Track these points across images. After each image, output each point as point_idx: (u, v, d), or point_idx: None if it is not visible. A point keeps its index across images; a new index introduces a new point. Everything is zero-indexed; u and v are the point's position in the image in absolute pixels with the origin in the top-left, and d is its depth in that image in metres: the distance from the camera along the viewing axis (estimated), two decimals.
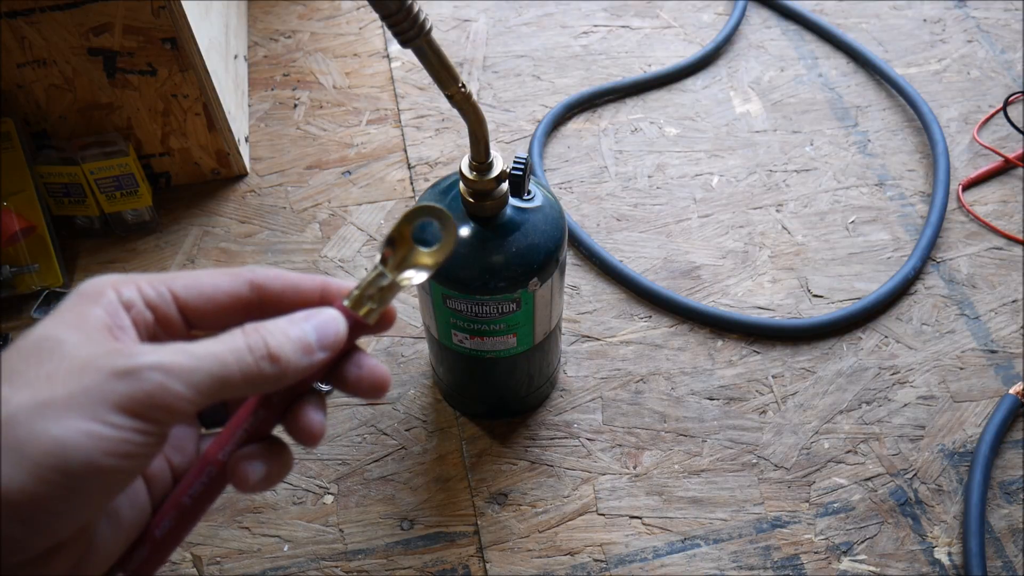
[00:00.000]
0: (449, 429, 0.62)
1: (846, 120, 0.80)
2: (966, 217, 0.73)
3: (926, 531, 0.57)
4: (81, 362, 0.25)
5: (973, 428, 0.62)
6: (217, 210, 0.74)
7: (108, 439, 0.24)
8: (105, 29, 0.63)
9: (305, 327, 0.29)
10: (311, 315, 0.29)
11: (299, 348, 0.28)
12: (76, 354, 0.25)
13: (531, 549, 0.57)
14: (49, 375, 0.25)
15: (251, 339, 0.28)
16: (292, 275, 0.31)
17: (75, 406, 0.24)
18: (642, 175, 0.76)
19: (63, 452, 0.24)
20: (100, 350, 0.26)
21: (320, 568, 0.56)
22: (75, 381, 0.25)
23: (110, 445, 0.25)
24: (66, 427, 0.24)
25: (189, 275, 0.30)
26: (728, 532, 0.57)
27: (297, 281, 0.31)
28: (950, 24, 0.88)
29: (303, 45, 0.86)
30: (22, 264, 0.67)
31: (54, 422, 0.24)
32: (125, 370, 0.25)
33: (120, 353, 0.26)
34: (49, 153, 0.68)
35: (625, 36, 0.87)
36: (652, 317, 0.67)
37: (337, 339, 0.30)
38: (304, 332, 0.29)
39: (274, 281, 0.30)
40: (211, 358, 0.26)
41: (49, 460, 0.24)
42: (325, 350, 0.29)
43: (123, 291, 0.28)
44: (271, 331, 0.28)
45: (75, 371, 0.25)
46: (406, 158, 0.77)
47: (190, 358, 0.26)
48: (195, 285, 0.29)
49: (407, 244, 0.31)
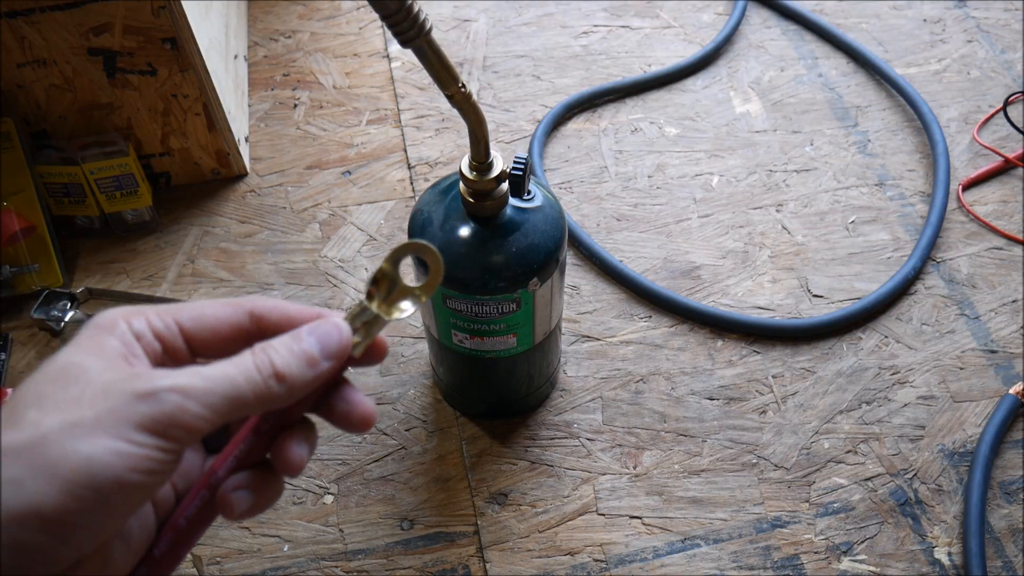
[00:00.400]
0: (449, 429, 0.62)
1: (846, 120, 0.80)
2: (966, 217, 0.73)
3: (926, 531, 0.57)
4: (104, 386, 0.27)
5: (973, 428, 0.62)
6: (217, 210, 0.74)
7: (133, 456, 0.26)
8: (105, 29, 0.63)
9: (308, 340, 0.30)
10: (314, 328, 0.31)
11: (303, 362, 0.30)
12: (100, 379, 0.27)
13: (531, 549, 0.57)
14: (76, 398, 0.27)
15: (259, 359, 0.29)
16: (290, 307, 0.32)
17: (102, 426, 0.26)
18: (642, 175, 0.76)
19: (92, 469, 0.26)
20: (121, 375, 0.28)
21: (320, 568, 0.56)
22: (100, 403, 0.27)
23: (134, 462, 0.26)
24: (95, 445, 0.26)
25: (193, 307, 0.31)
26: (728, 532, 0.57)
27: (295, 314, 0.32)
28: (950, 24, 0.88)
29: (303, 45, 0.86)
30: (22, 264, 0.67)
31: (83, 441, 0.26)
32: (146, 392, 0.27)
33: (140, 377, 0.27)
34: (49, 153, 0.68)
35: (625, 36, 0.87)
36: (652, 317, 0.67)
37: (341, 347, 0.31)
38: (308, 345, 0.30)
39: (272, 312, 0.32)
40: (224, 379, 0.28)
41: (79, 477, 0.25)
42: (329, 359, 0.31)
43: (134, 323, 0.30)
44: (276, 349, 0.30)
45: (100, 394, 0.27)
46: (406, 158, 0.77)
47: (205, 380, 0.28)
48: (199, 317, 0.31)
49: (392, 279, 0.32)
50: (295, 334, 0.31)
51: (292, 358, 0.30)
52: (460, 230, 0.48)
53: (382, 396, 0.63)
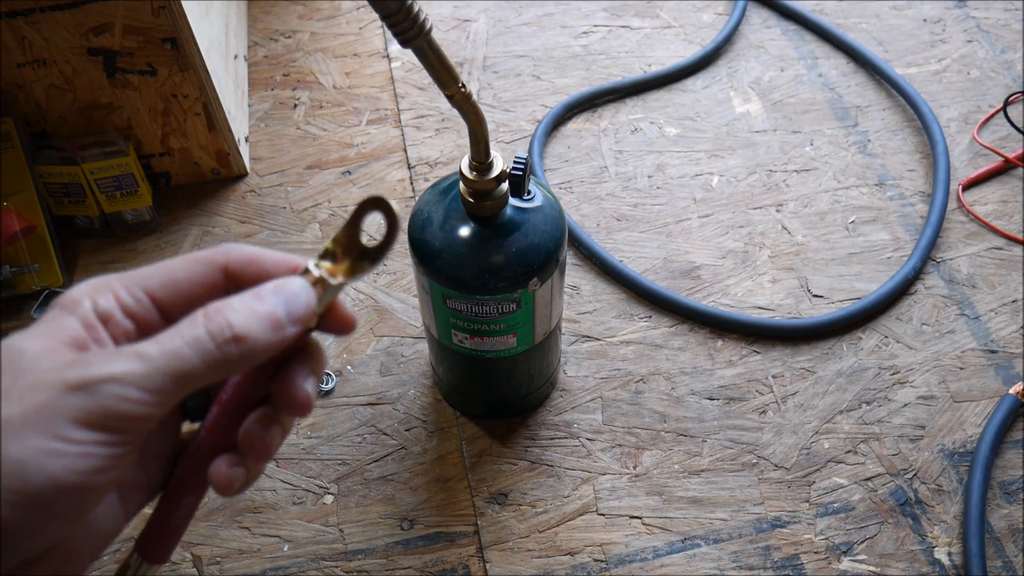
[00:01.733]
0: (449, 429, 0.62)
1: (846, 120, 0.80)
2: (966, 217, 0.73)
3: (926, 531, 0.57)
4: (37, 377, 0.25)
5: (973, 428, 0.62)
6: (217, 210, 0.74)
7: (69, 455, 0.24)
8: (105, 29, 0.63)
9: (272, 300, 0.27)
10: (279, 287, 0.28)
11: (268, 324, 0.27)
12: (34, 367, 0.25)
13: (531, 549, 0.57)
14: (6, 391, 0.24)
15: (212, 324, 0.26)
16: (266, 259, 0.30)
17: (32, 424, 0.24)
18: (642, 175, 0.76)
19: (24, 473, 0.23)
20: (57, 363, 0.25)
21: (320, 568, 0.56)
22: (30, 398, 0.24)
23: (72, 462, 0.24)
24: (24, 447, 0.23)
25: (163, 271, 0.29)
26: (728, 532, 0.57)
27: (271, 267, 0.30)
28: (950, 24, 0.88)
29: (303, 45, 0.86)
30: (22, 264, 0.67)
31: (12, 442, 0.23)
32: (79, 383, 0.24)
33: (74, 365, 0.25)
34: (49, 153, 0.68)
35: (625, 36, 0.87)
36: (652, 317, 0.67)
37: (308, 311, 0.28)
38: (272, 306, 0.27)
39: (247, 267, 0.29)
40: (167, 357, 0.25)
41: (11, 483, 0.23)
42: (296, 324, 0.28)
43: (100, 301, 0.27)
44: (236, 309, 0.27)
45: (31, 387, 0.24)
46: (406, 158, 0.77)
47: (144, 363, 0.25)
48: (170, 282, 0.29)
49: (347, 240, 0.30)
50: (257, 292, 0.27)
51: (255, 320, 0.27)
52: (460, 230, 0.48)
53: (382, 396, 0.63)
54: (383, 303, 0.68)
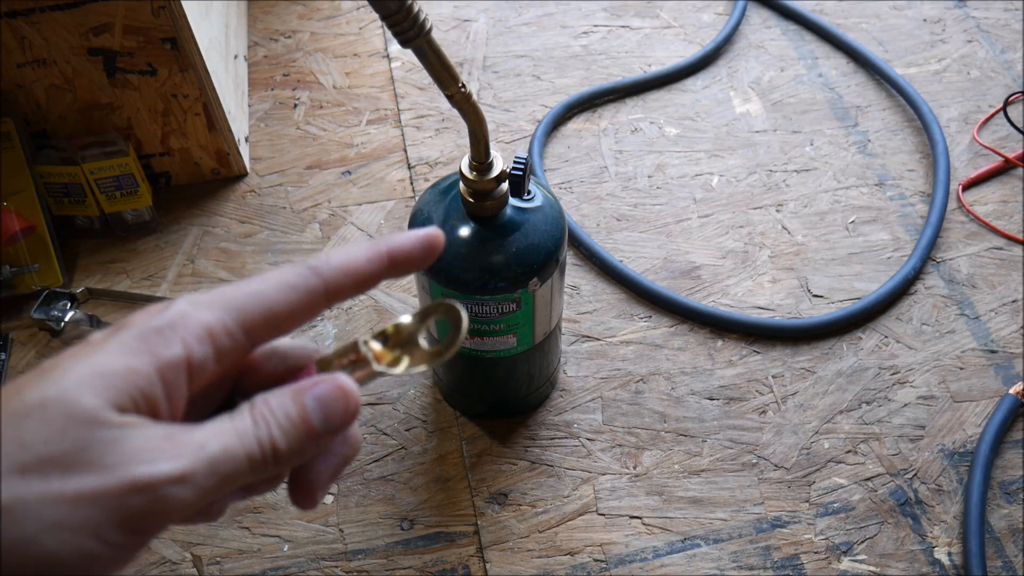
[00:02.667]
0: (449, 429, 0.62)
1: (846, 120, 0.80)
2: (966, 217, 0.73)
3: (926, 531, 0.57)
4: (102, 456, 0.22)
5: (973, 428, 0.62)
6: (217, 210, 0.74)
7: (99, 558, 0.22)
8: (105, 29, 0.63)
9: (311, 405, 0.26)
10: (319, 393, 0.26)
11: (303, 434, 0.25)
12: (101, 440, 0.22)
13: (531, 549, 0.57)
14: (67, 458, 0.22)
15: (261, 431, 0.25)
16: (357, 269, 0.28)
17: (79, 518, 0.22)
18: (642, 175, 0.76)
19: (49, 566, 0.21)
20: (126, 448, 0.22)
21: (320, 568, 0.56)
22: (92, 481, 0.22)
23: (97, 564, 0.22)
24: (61, 541, 0.21)
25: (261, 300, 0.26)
26: (728, 532, 0.57)
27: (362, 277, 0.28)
28: (950, 24, 0.88)
29: (303, 45, 0.86)
30: (22, 264, 0.67)
31: (52, 534, 0.21)
32: (145, 485, 0.22)
33: (141, 460, 0.22)
34: (49, 153, 0.68)
35: (625, 36, 0.87)
36: (652, 317, 0.67)
37: (346, 419, 0.26)
38: (310, 413, 0.26)
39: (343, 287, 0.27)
40: (227, 457, 0.24)
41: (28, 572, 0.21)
42: (332, 432, 0.26)
43: (196, 349, 0.25)
44: (276, 416, 0.25)
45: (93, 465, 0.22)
46: (406, 158, 0.77)
47: (209, 462, 0.23)
48: (270, 315, 0.26)
49: (407, 333, 0.29)
50: (295, 393, 0.26)
51: (292, 429, 0.25)
52: (460, 230, 0.48)
53: (382, 396, 0.63)
54: (383, 303, 0.68)
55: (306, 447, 0.26)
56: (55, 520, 0.22)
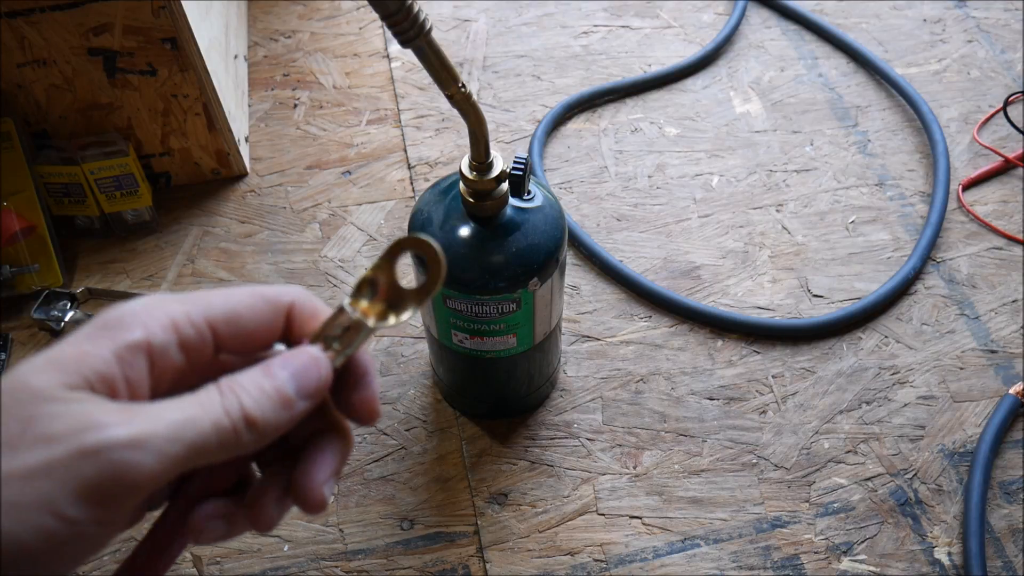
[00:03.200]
0: (449, 429, 0.62)
1: (846, 120, 0.80)
2: (966, 217, 0.73)
3: (926, 531, 0.57)
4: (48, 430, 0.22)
5: (973, 428, 0.62)
6: (217, 210, 0.74)
7: (60, 536, 0.22)
8: (105, 29, 0.63)
9: (281, 376, 0.26)
10: (288, 361, 0.27)
11: (277, 403, 0.26)
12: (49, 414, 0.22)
13: (531, 549, 0.57)
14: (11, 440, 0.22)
15: (228, 401, 0.25)
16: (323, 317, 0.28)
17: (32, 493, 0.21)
18: (642, 175, 0.76)
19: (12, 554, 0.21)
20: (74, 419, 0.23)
21: (320, 568, 0.56)
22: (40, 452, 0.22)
23: (59, 545, 0.22)
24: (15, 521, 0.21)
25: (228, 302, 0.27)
26: (728, 532, 0.57)
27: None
28: (950, 24, 0.88)
29: (303, 45, 0.86)
30: (22, 264, 0.67)
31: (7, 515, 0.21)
32: (94, 449, 0.22)
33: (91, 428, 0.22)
34: (49, 153, 0.68)
35: (625, 36, 0.87)
36: (652, 317, 0.67)
37: (320, 384, 0.27)
38: (281, 383, 0.26)
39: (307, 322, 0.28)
40: (187, 424, 0.24)
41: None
42: (306, 399, 0.26)
43: (158, 334, 0.25)
44: (246, 387, 0.25)
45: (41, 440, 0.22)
46: (406, 158, 0.77)
47: (169, 426, 0.23)
48: (235, 317, 0.27)
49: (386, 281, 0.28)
50: (266, 368, 0.26)
51: (264, 399, 0.25)
52: (460, 230, 0.48)
53: (382, 396, 0.63)
54: None
55: (281, 416, 0.26)
56: (8, 499, 0.21)
